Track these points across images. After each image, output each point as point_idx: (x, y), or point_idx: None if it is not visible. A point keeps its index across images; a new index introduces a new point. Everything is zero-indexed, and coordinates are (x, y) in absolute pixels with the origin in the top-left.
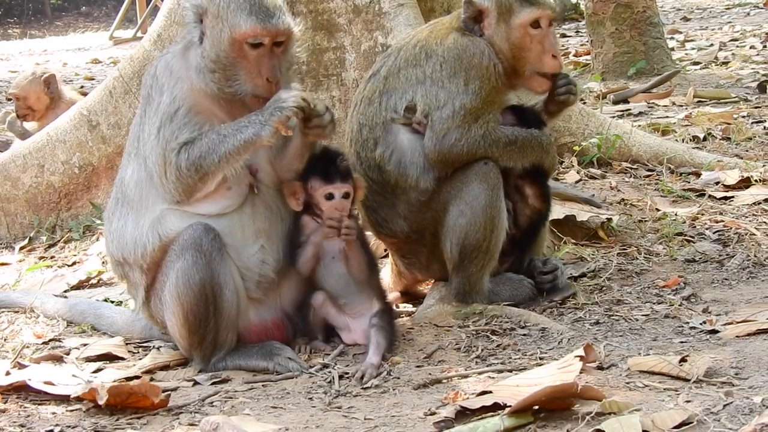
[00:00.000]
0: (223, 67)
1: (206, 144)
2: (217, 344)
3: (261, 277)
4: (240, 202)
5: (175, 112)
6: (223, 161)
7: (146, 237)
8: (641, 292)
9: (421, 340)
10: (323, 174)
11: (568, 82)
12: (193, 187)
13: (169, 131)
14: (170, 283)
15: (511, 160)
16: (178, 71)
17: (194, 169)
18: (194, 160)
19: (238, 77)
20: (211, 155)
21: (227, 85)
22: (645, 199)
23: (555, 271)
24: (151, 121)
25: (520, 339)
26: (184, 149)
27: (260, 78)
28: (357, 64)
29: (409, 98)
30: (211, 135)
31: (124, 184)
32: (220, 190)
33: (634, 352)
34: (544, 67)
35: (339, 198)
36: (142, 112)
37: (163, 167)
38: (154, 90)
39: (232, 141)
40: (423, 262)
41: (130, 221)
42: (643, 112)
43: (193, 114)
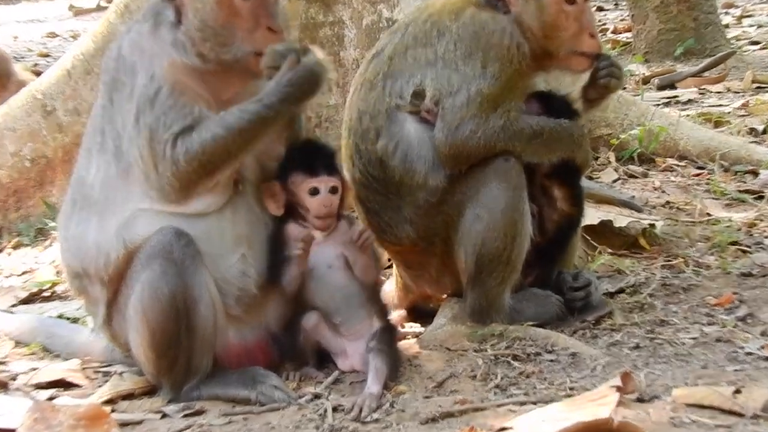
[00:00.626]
0: (213, 33)
1: (214, 130)
2: (190, 369)
3: (241, 291)
4: (224, 200)
5: (156, 94)
6: (241, 149)
7: (110, 243)
8: (689, 312)
9: (430, 366)
10: (305, 166)
11: (610, 63)
12: (195, 182)
13: (152, 118)
14: (135, 297)
15: (537, 155)
16: (151, 48)
17: (198, 164)
18: (197, 153)
19: (233, 38)
20: (225, 144)
21: (223, 51)
22: (694, 202)
23: (588, 286)
24: (125, 108)
25: (546, 366)
26: (181, 140)
27: (260, 29)
28: (357, 41)
29: (417, 82)
30: (218, 118)
31: (86, 184)
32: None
33: (681, 381)
34: (582, 46)
35: (325, 193)
36: (106, 101)
37: (152, 161)
38: (123, 72)
39: (251, 132)
40: (433, 275)
41: (93, 226)
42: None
43: (177, 94)
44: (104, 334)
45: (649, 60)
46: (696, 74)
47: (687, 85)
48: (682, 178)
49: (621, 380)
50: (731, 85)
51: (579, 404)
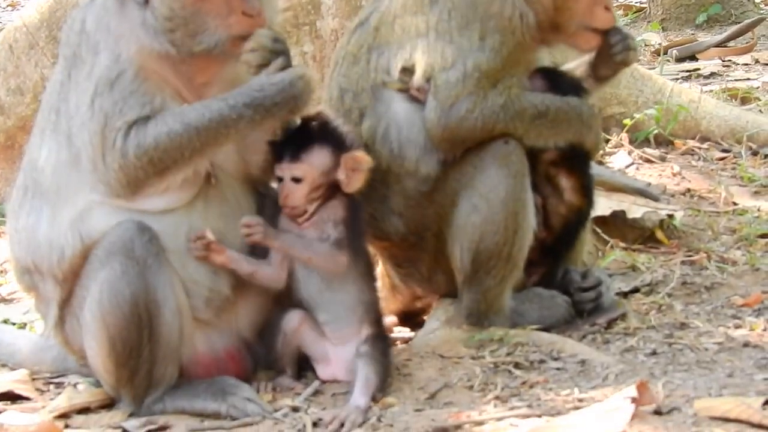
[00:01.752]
0: (183, 22)
1: (171, 125)
2: (153, 380)
3: (212, 294)
4: (192, 195)
5: (118, 76)
6: (197, 152)
7: (65, 237)
8: (712, 313)
9: (421, 375)
10: (277, 148)
11: (624, 36)
12: (143, 180)
13: (110, 102)
14: (92, 299)
15: (541, 137)
16: (117, 28)
17: (147, 161)
18: (149, 148)
19: (205, 27)
20: (179, 143)
21: (195, 43)
22: (718, 190)
23: (598, 286)
24: (82, 87)
25: (552, 374)
26: (134, 130)
27: (234, 14)
28: (337, 9)
29: (406, 56)
30: (179, 111)
31: (37, 169)
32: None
33: (703, 392)
34: (594, 21)
35: (287, 181)
36: (64, 77)
37: (100, 150)
38: (85, 49)
39: (211, 133)
40: (424, 273)
41: (45, 217)
42: (716, 73)
43: (141, 80)
44: (56, 339)
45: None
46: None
47: (709, 57)
48: (704, 162)
49: (636, 390)
50: (760, 56)
51: (589, 417)
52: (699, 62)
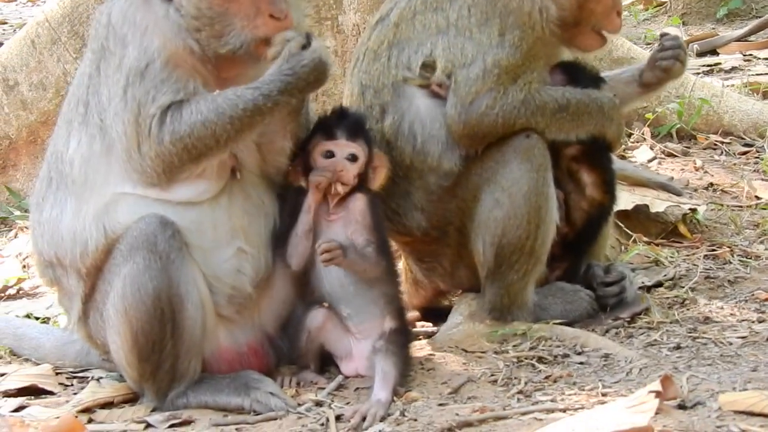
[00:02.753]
0: (209, 21)
1: (206, 113)
2: (176, 374)
3: (235, 291)
4: (218, 188)
5: (147, 66)
6: (231, 138)
7: (89, 231)
8: (736, 308)
9: (444, 369)
10: (324, 129)
11: (677, 44)
12: (178, 167)
13: (142, 91)
14: (115, 293)
15: (562, 131)
16: (143, 21)
17: (182, 147)
18: (184, 135)
19: (231, 28)
20: (214, 130)
21: (220, 43)
22: (741, 184)
23: (621, 280)
24: (112, 79)
25: (576, 369)
26: (169, 116)
27: (261, 16)
28: (358, 4)
29: (426, 52)
30: (212, 99)
31: (64, 160)
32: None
33: (727, 386)
34: (608, 24)
35: (341, 158)
36: (92, 70)
37: (136, 139)
38: (113, 42)
39: (242, 120)
40: (446, 268)
41: (70, 209)
42: (737, 68)
43: (172, 67)
44: (79, 334)
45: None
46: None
47: (731, 51)
48: (727, 156)
49: (660, 385)
50: None
51: (613, 412)
52: (720, 57)
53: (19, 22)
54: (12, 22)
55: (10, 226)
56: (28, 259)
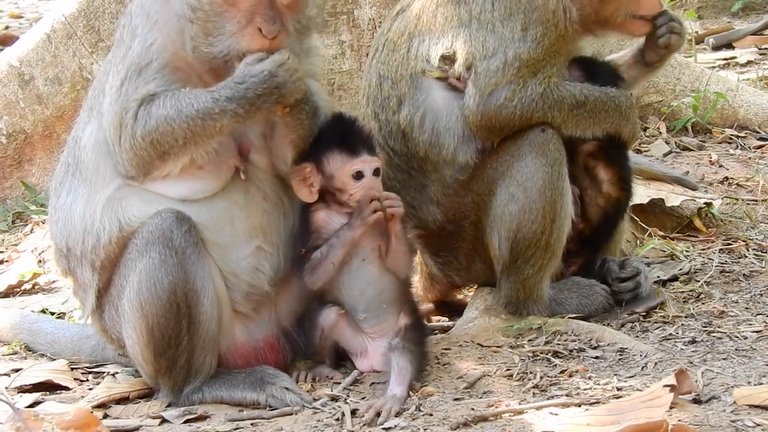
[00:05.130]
0: (204, 16)
1: (169, 109)
2: (192, 370)
3: (252, 288)
4: (216, 188)
5: (147, 65)
6: (189, 140)
7: (100, 222)
8: (751, 302)
9: (460, 364)
10: (345, 145)
11: (669, 18)
12: (149, 163)
13: (134, 87)
14: (130, 288)
15: (578, 127)
16: (156, 14)
17: (149, 142)
18: (151, 130)
19: (222, 31)
20: (173, 129)
21: (206, 42)
22: (756, 178)
23: (636, 276)
24: (116, 69)
25: (591, 363)
26: (141, 111)
27: (252, 28)
28: None
29: (447, 44)
30: (177, 96)
31: (80, 146)
32: (188, 168)
33: (742, 380)
34: (641, 8)
35: (370, 175)
36: (111, 57)
37: (118, 131)
38: (126, 31)
39: (199, 119)
40: (462, 262)
41: (81, 197)
42: (753, 62)
43: (168, 70)
44: (94, 328)
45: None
46: (757, 32)
47: (746, 45)
48: (742, 150)
49: (675, 379)
50: None
51: (628, 406)
52: (735, 51)
53: (35, 16)
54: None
55: (26, 221)
56: (43, 254)
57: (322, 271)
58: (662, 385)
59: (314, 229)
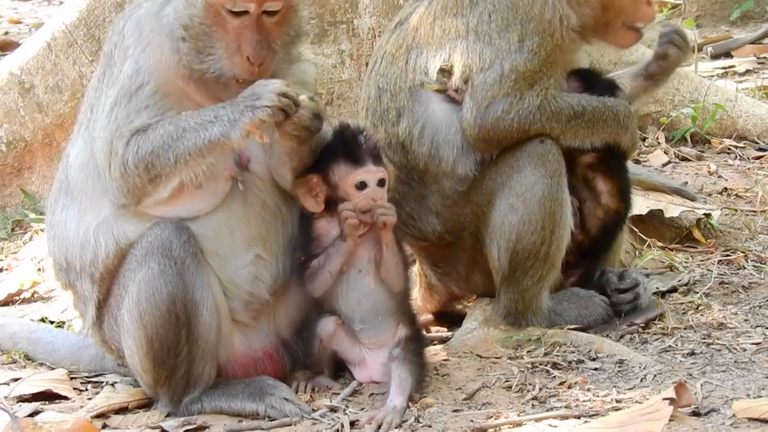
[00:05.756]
0: (195, 35)
1: (161, 137)
2: (191, 380)
3: (251, 297)
4: (216, 203)
5: (138, 89)
6: (181, 163)
7: (96, 240)
8: (750, 313)
9: (459, 375)
10: (349, 156)
11: (673, 30)
12: (141, 189)
13: (125, 113)
14: (130, 298)
15: (577, 137)
16: (149, 34)
17: (143, 168)
18: (144, 155)
19: (212, 51)
20: (166, 153)
21: (198, 59)
22: (755, 189)
23: (635, 287)
24: (108, 91)
25: (590, 375)
26: (135, 140)
27: (239, 55)
28: (374, 8)
29: (445, 57)
30: (168, 126)
31: (69, 164)
32: (186, 189)
33: (741, 393)
34: (639, 16)
35: (374, 186)
36: (100, 74)
37: (108, 158)
38: (118, 51)
39: (193, 139)
40: (461, 273)
41: (74, 215)
42: (752, 71)
43: (160, 96)
44: (94, 338)
45: (701, 25)
46: (756, 41)
47: (745, 54)
48: (741, 161)
49: (674, 391)
50: None
51: (627, 419)
52: (734, 59)
53: (35, 22)
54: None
55: (25, 229)
56: (43, 263)
57: (319, 279)
58: (661, 398)
59: (315, 236)
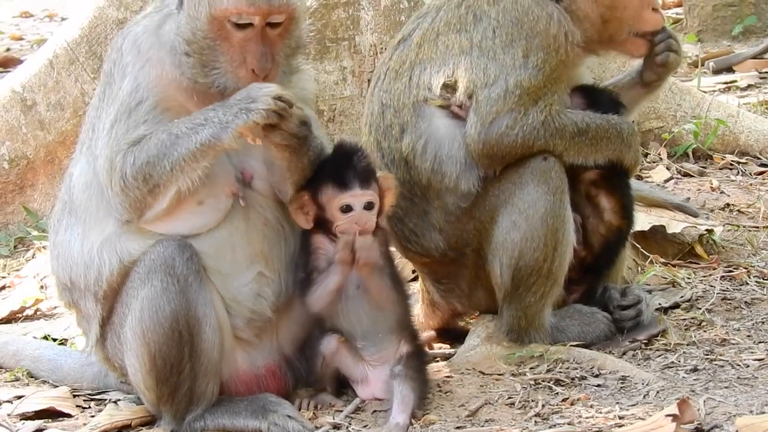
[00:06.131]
0: (199, 49)
1: (155, 146)
2: (194, 397)
3: (254, 314)
4: (218, 219)
5: (137, 105)
6: (176, 169)
7: (100, 258)
8: (753, 329)
9: (462, 392)
10: (337, 178)
11: (667, 35)
12: (141, 201)
13: (124, 128)
14: (133, 316)
15: (580, 154)
16: (148, 51)
17: (141, 179)
18: (141, 166)
19: (216, 65)
20: (161, 162)
21: (202, 73)
22: (757, 204)
23: (638, 304)
24: (108, 109)
25: (593, 391)
26: (131, 152)
27: (244, 68)
28: (375, 25)
29: (448, 72)
30: (161, 135)
31: (72, 184)
32: (187, 205)
33: (744, 409)
34: (644, 25)
35: (359, 209)
36: (101, 93)
37: (110, 173)
38: (117, 69)
39: (186, 144)
40: (464, 289)
41: (77, 235)
42: (754, 86)
43: (159, 111)
44: (97, 356)
45: (702, 40)
46: (757, 56)
47: (747, 69)
48: (743, 177)
49: (677, 408)
50: None
51: None
52: (736, 74)
53: (36, 38)
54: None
55: (27, 246)
56: (45, 280)
57: (317, 296)
58: (664, 415)
59: (313, 250)
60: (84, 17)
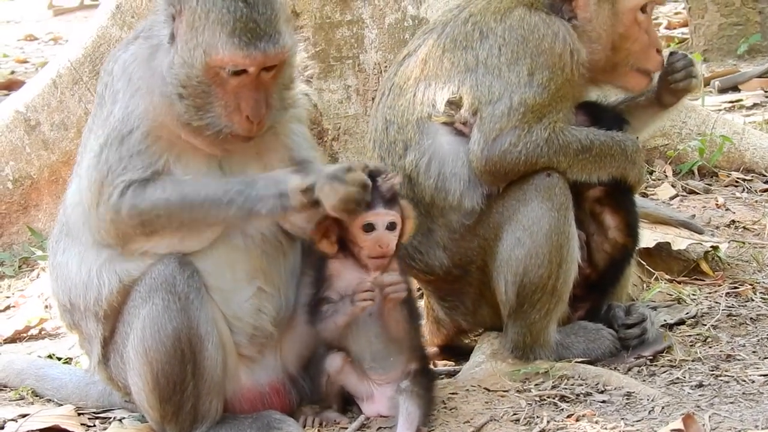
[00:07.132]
0: (193, 93)
1: (163, 205)
2: (198, 415)
3: (256, 330)
4: (214, 238)
5: (129, 133)
6: (184, 228)
7: (99, 279)
8: (758, 345)
9: (467, 408)
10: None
11: (689, 62)
12: (131, 237)
13: (116, 157)
14: (135, 335)
15: (584, 171)
16: (138, 80)
17: (138, 222)
18: (141, 212)
19: (211, 108)
20: (168, 219)
21: (197, 117)
22: (762, 221)
23: (642, 322)
24: (98, 131)
25: (598, 407)
26: (131, 193)
27: (238, 114)
28: (379, 43)
29: (453, 89)
30: (172, 192)
31: (66, 205)
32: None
33: (750, 424)
34: (647, 62)
35: (382, 229)
36: (94, 114)
37: (97, 198)
38: (108, 92)
39: (201, 215)
40: (469, 306)
41: (75, 256)
42: (760, 104)
43: (151, 140)
44: (101, 375)
45: (708, 59)
46: (762, 75)
47: (752, 88)
48: (748, 194)
49: (683, 423)
50: None
51: None
52: (741, 93)
53: (41, 61)
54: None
55: (32, 266)
56: (50, 300)
57: (328, 326)
58: (670, 430)
59: (327, 276)
60: (87, 37)
